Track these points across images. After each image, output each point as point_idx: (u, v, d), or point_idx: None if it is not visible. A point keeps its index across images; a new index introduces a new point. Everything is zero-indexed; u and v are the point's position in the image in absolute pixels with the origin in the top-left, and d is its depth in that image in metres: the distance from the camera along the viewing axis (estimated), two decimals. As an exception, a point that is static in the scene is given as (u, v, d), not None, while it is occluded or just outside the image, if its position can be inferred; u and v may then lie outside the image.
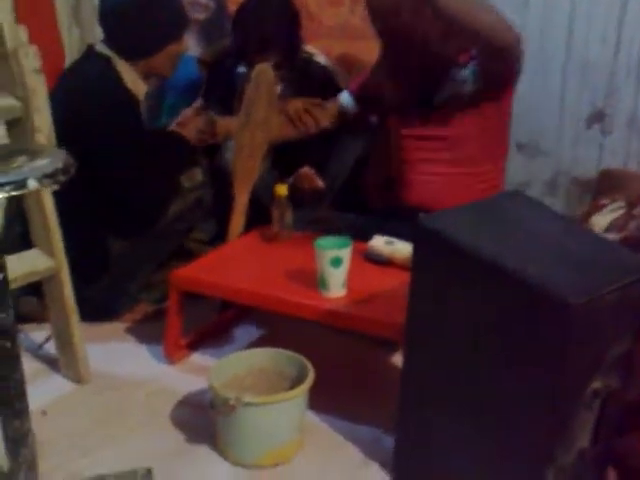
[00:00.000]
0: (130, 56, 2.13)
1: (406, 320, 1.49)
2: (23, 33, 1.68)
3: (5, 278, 1.34)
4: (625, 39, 2.53)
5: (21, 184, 1.18)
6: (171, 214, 2.19)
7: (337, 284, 1.78)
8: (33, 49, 1.69)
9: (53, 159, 1.29)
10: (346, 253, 1.76)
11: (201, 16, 2.82)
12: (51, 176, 1.23)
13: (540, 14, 2.66)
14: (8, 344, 1.36)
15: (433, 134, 2.15)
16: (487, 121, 2.12)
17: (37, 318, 2.16)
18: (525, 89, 2.72)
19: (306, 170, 2.31)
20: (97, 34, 2.42)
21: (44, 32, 2.49)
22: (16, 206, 1.97)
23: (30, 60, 1.68)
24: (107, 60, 2.13)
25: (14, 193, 1.17)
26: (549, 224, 1.44)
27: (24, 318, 2.17)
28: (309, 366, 1.66)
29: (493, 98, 2.08)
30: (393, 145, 2.23)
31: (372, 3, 2.01)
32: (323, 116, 2.26)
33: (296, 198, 2.19)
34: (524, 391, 1.31)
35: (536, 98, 2.74)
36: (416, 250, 1.44)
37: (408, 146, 2.20)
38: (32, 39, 2.40)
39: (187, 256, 2.48)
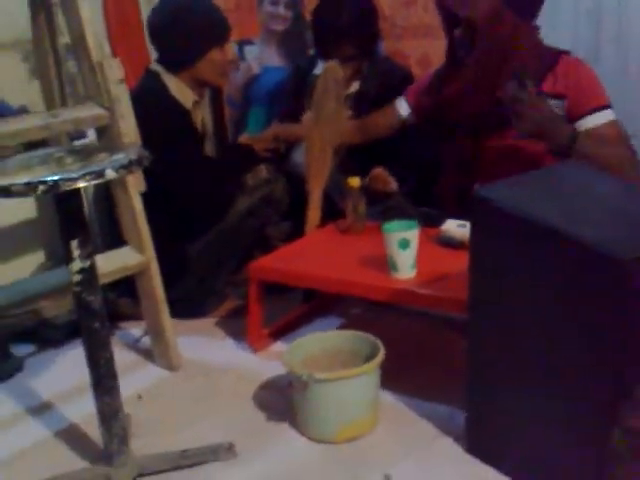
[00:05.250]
0: (174, 68, 2.28)
1: (468, 292, 1.53)
2: (106, 46, 1.84)
3: (93, 265, 1.48)
4: None
5: (99, 173, 1.32)
6: (238, 211, 2.31)
7: (406, 266, 1.83)
8: (116, 61, 1.85)
9: (129, 152, 1.43)
10: (413, 235, 1.81)
11: (280, 27, 2.94)
12: (126, 166, 1.37)
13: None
14: (97, 325, 1.50)
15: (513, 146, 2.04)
16: None
17: (134, 317, 2.32)
18: (607, 69, 2.64)
19: (380, 171, 2.33)
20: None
21: (133, 45, 2.67)
22: (108, 208, 2.15)
23: (114, 71, 1.84)
24: (156, 75, 2.29)
25: (94, 182, 1.31)
26: (608, 189, 1.45)
27: (122, 317, 2.35)
28: (380, 344, 1.72)
29: None
30: (468, 156, 2.15)
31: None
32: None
33: (369, 198, 2.25)
34: (588, 353, 1.32)
35: (619, 78, 2.67)
36: (473, 221, 1.48)
37: (486, 156, 2.09)
38: (121, 52, 2.62)
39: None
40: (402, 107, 2.33)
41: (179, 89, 2.30)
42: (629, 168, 1.85)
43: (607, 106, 1.97)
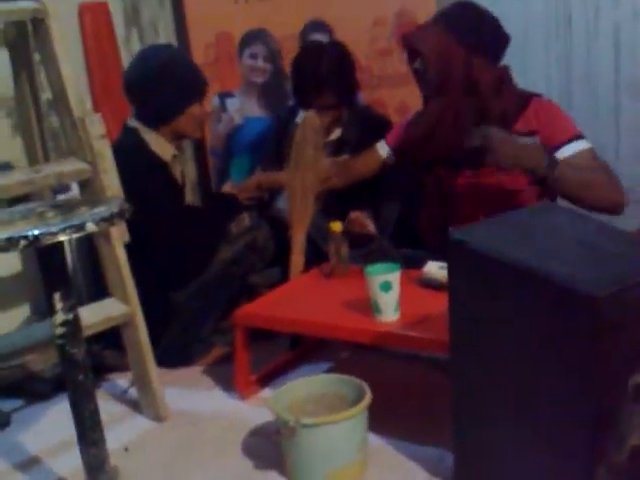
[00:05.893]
0: (152, 124, 2.32)
1: (449, 334, 1.54)
2: (88, 102, 1.87)
3: (76, 317, 1.49)
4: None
5: (80, 227, 1.34)
6: (222, 260, 2.33)
7: (389, 308, 1.85)
8: (97, 116, 1.89)
9: (110, 205, 1.45)
10: (395, 277, 1.83)
11: (259, 80, 3.01)
12: (107, 219, 1.39)
13: (585, 41, 2.72)
14: (81, 377, 1.50)
15: (485, 185, 2.13)
16: None
17: (120, 368, 2.31)
18: (579, 107, 2.76)
19: (357, 215, 2.38)
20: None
21: (115, 101, 2.70)
22: (92, 260, 2.16)
23: (95, 127, 1.88)
24: (135, 131, 2.33)
25: (75, 235, 1.33)
26: (578, 228, 1.48)
27: (109, 368, 2.34)
28: (366, 387, 1.72)
29: None
30: (444, 191, 2.23)
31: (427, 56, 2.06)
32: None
33: (352, 242, 2.28)
34: (568, 390, 1.33)
35: (591, 115, 2.77)
36: (450, 263, 1.50)
37: (460, 193, 2.19)
38: (104, 108, 2.65)
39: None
40: (382, 149, 2.39)
41: (158, 144, 2.34)
42: (608, 190, 1.93)
43: (581, 137, 2.04)
